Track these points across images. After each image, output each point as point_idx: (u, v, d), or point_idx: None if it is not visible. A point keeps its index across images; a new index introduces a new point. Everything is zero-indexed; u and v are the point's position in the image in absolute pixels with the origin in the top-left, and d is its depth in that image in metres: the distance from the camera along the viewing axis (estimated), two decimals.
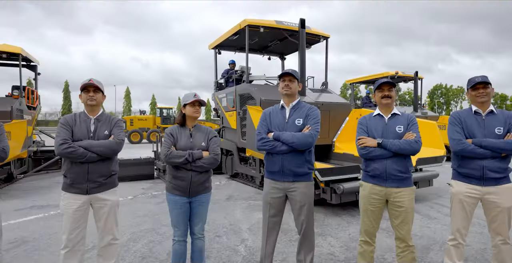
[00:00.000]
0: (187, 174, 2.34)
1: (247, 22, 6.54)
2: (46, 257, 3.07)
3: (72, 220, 2.25)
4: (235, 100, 6.87)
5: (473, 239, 3.48)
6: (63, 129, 2.24)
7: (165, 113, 23.78)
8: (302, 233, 2.42)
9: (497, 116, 2.37)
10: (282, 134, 2.35)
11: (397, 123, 2.37)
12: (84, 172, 2.24)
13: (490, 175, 2.29)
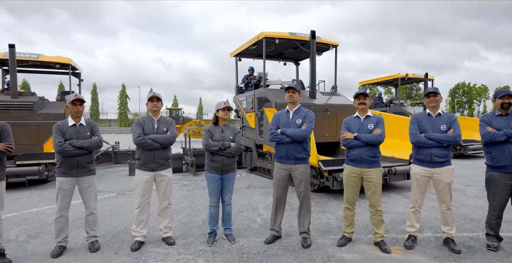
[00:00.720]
0: (220, 158, 3.39)
1: (264, 35, 7.57)
2: (108, 223, 4.20)
3: (143, 189, 3.35)
4: (254, 103, 7.90)
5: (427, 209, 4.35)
6: (137, 127, 3.34)
7: (174, 114, 25.09)
8: (301, 200, 3.42)
9: (443, 117, 3.29)
10: (287, 130, 3.35)
11: (369, 122, 3.33)
12: (151, 156, 3.34)
13: (436, 159, 3.21)
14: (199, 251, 3.23)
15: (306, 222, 3.41)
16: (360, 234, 3.66)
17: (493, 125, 3.19)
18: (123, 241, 3.51)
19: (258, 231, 3.83)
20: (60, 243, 3.21)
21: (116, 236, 3.66)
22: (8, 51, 7.66)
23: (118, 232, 3.81)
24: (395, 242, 3.42)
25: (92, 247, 3.25)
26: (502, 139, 3.07)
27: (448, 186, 3.22)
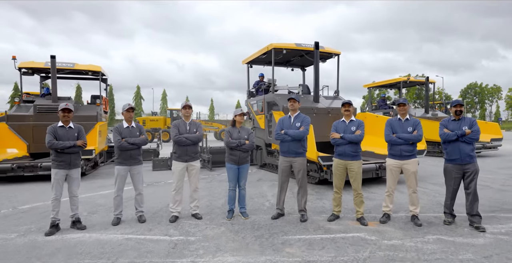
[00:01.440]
0: (237, 152, 4.44)
1: (273, 46, 8.60)
2: (147, 204, 5.29)
3: (178, 176, 4.43)
4: (264, 106, 8.93)
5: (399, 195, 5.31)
6: (174, 128, 4.42)
7: (174, 114, 26.08)
8: (299, 185, 4.45)
9: (410, 121, 4.27)
10: (288, 131, 4.37)
11: (352, 125, 4.32)
12: (184, 150, 4.41)
13: (405, 153, 4.19)
14: (221, 223, 4.29)
15: (303, 202, 4.44)
16: (346, 214, 4.66)
17: (448, 128, 4.15)
18: (162, 216, 4.59)
19: (266, 211, 4.87)
20: (117, 215, 4.31)
21: (156, 213, 4.75)
22: (49, 61, 8.89)
23: (156, 210, 4.90)
24: (374, 219, 4.41)
25: (140, 219, 4.35)
26: (454, 138, 4.03)
27: (413, 174, 4.20)
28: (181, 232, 3.94)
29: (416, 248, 3.38)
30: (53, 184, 4.05)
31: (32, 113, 8.79)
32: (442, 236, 3.72)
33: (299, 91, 9.70)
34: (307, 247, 3.42)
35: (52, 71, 8.84)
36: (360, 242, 3.55)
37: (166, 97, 59.10)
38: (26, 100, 9.81)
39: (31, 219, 4.56)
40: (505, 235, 3.75)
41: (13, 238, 3.74)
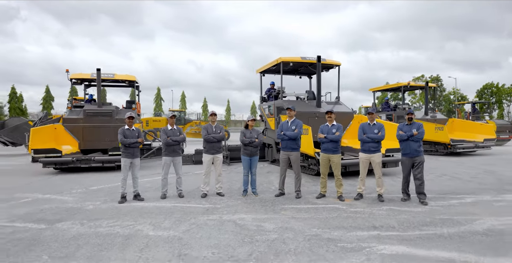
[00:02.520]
0: (249, 147, 6.18)
1: (282, 59, 10.30)
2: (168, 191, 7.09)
3: (207, 164, 6.22)
4: (274, 110, 10.63)
5: (369, 180, 6.90)
6: (205, 130, 6.20)
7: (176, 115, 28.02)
8: (295, 172, 6.14)
9: (377, 125, 5.89)
10: (286, 132, 6.06)
11: (333, 128, 5.98)
12: (212, 145, 6.19)
13: (372, 149, 5.82)
14: (238, 198, 6.03)
15: (298, 184, 6.13)
16: (331, 194, 6.31)
17: (403, 130, 5.75)
18: (195, 194, 6.37)
19: (271, 192, 6.57)
20: (164, 192, 6.13)
21: (190, 193, 6.53)
22: (95, 73, 10.89)
23: (190, 191, 6.69)
24: (351, 198, 6.04)
25: (180, 195, 6.15)
26: (405, 138, 5.63)
27: (378, 164, 5.82)
28: (210, 203, 5.71)
29: (370, 212, 5.02)
30: (122, 168, 5.89)
31: (82, 116, 10.78)
32: (394, 207, 5.34)
33: (304, 97, 11.36)
34: (297, 211, 5.12)
35: (98, 81, 10.85)
36: (334, 209, 5.22)
37: (185, 98, 61.62)
38: (76, 106, 11.86)
39: (102, 194, 6.43)
40: (439, 206, 5.33)
41: (99, 204, 5.61)
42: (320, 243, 3.71)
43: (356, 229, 4.22)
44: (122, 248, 3.60)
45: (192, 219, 4.69)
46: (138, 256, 3.36)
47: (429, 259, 3.27)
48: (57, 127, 10.54)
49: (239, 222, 4.55)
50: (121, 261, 3.24)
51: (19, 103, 48.87)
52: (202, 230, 4.19)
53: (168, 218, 4.77)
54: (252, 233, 4.06)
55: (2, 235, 4.05)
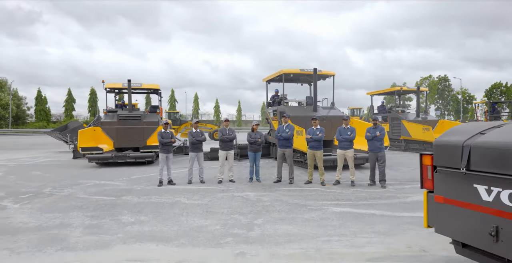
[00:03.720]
0: (254, 145, 8.35)
1: (283, 71, 12.43)
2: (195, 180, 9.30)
3: (222, 158, 8.42)
4: (277, 114, 12.74)
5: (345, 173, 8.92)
6: (220, 132, 8.39)
7: (172, 116, 29.78)
8: (289, 165, 8.27)
9: (349, 128, 7.96)
10: (282, 134, 8.19)
11: (317, 131, 8.07)
12: (225, 144, 8.39)
13: (345, 146, 7.90)
14: (245, 184, 8.19)
15: (291, 174, 8.25)
16: (317, 181, 8.39)
17: (370, 132, 7.79)
18: (212, 182, 8.55)
19: (271, 180, 8.70)
20: (190, 179, 8.34)
21: (208, 180, 8.71)
22: (126, 83, 13.21)
23: (208, 179, 8.87)
24: (331, 183, 8.11)
25: (202, 181, 8.35)
26: (370, 138, 7.68)
27: (351, 158, 7.88)
28: (224, 186, 7.89)
29: (340, 192, 7.11)
30: (160, 161, 8.13)
31: (116, 120, 13.10)
32: (359, 189, 7.41)
33: (303, 102, 13.44)
34: (287, 191, 7.25)
35: (128, 90, 13.20)
36: (314, 190, 7.33)
37: (198, 100, 64.12)
38: (110, 111, 14.22)
39: (143, 181, 8.68)
40: (394, 189, 7.38)
41: (144, 187, 7.85)
42: (296, 206, 5.84)
43: (324, 200, 6.33)
44: (170, 208, 5.80)
45: (212, 195, 6.87)
46: (182, 210, 5.57)
47: (361, 213, 5.36)
48: (96, 129, 12.91)
49: (245, 196, 6.71)
50: (172, 213, 5.43)
51: (43, 106, 52.44)
52: (220, 200, 6.37)
53: (196, 194, 6.97)
54: (253, 202, 6.21)
55: (91, 202, 6.31)
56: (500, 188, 2.39)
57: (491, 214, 2.45)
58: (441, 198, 2.84)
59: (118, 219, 5.12)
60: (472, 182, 2.60)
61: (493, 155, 2.46)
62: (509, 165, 2.34)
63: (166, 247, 3.95)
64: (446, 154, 2.81)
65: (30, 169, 11.26)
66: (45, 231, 4.54)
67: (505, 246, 2.37)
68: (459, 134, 2.80)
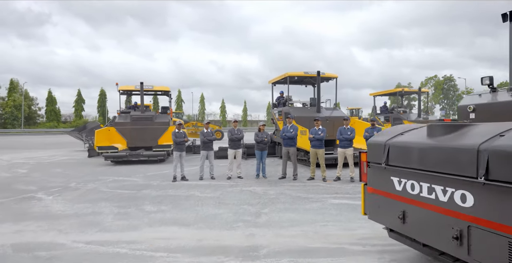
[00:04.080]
0: (260, 144, 9.06)
1: (288, 74, 13.11)
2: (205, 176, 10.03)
3: (231, 156, 9.15)
4: (282, 115, 13.43)
5: None
6: (229, 132, 9.11)
7: (175, 117, 30.71)
8: (293, 162, 8.96)
9: (349, 128, 8.63)
10: (286, 134, 8.88)
11: (320, 131, 8.75)
12: (234, 143, 9.12)
13: (346, 145, 8.57)
14: (252, 180, 8.90)
15: (295, 171, 8.94)
16: (319, 178, 9.06)
17: (368, 132, 8.44)
18: (222, 178, 9.26)
19: (277, 176, 9.39)
20: (201, 175, 9.07)
21: (218, 176, 9.43)
22: (139, 85, 13.99)
23: (218, 175, 9.59)
24: (332, 180, 8.78)
25: (212, 177, 9.08)
26: (369, 137, 8.33)
27: (351, 156, 8.55)
28: (233, 182, 8.60)
29: (339, 187, 7.77)
30: (174, 158, 8.87)
31: (129, 120, 13.89)
32: (357, 184, 8.07)
33: (307, 104, 14.11)
34: (291, 186, 7.94)
35: (141, 92, 14.00)
36: (316, 185, 8.01)
37: (204, 100, 65.02)
38: (123, 111, 15.02)
39: (158, 177, 9.43)
40: None
41: (159, 182, 8.60)
42: (299, 199, 6.53)
43: (324, 194, 7.01)
44: (186, 200, 6.53)
45: (223, 189, 7.59)
46: (197, 202, 6.29)
47: (357, 204, 6.03)
48: (110, 130, 13.71)
49: (253, 190, 7.42)
50: (189, 203, 6.15)
51: (54, 106, 53.85)
52: (230, 194, 7.09)
53: (208, 188, 7.69)
54: (260, 195, 6.92)
55: (115, 195, 7.06)
56: (406, 179, 2.96)
57: (401, 201, 3.02)
58: (372, 189, 3.43)
59: (142, 208, 5.86)
60: (389, 175, 3.15)
61: (400, 152, 3.04)
62: (409, 160, 2.91)
63: (187, 230, 4.67)
64: (374, 151, 3.38)
65: (51, 166, 12.08)
66: (82, 217, 5.29)
67: (410, 227, 2.95)
68: (386, 135, 3.39)
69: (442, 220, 2.59)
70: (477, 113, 3.68)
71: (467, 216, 2.37)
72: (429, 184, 2.70)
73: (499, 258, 2.18)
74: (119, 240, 4.25)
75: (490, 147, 2.23)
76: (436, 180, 2.64)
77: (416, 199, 2.83)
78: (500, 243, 2.16)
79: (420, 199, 2.79)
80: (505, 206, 2.13)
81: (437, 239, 2.64)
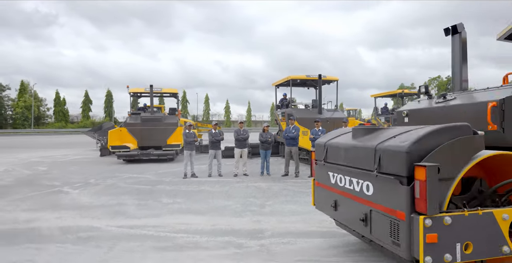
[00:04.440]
0: (265, 144, 9.81)
1: (290, 77, 13.85)
2: None
3: (237, 155, 9.90)
4: (285, 116, 14.16)
5: None
6: (235, 132, 9.87)
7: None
8: (295, 161, 9.69)
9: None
10: (289, 134, 9.61)
11: (319, 132, 9.47)
12: (240, 143, 9.87)
13: None
14: (257, 177, 9.64)
15: (297, 169, 9.67)
16: None
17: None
18: (229, 175, 10.00)
19: (280, 174, 10.12)
20: (209, 172, 9.84)
21: (225, 174, 10.18)
22: (149, 88, 14.78)
23: (225, 173, 10.33)
24: None
25: (220, 175, 9.83)
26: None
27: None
28: (239, 178, 9.35)
29: None
30: (185, 157, 9.63)
31: (140, 121, 14.69)
32: None
33: (309, 105, 14.83)
34: (293, 182, 8.68)
35: (151, 94, 14.80)
36: None
37: (208, 100, 66.00)
38: (133, 113, 15.83)
39: (169, 175, 10.20)
40: None
41: (171, 179, 9.36)
42: (300, 193, 7.27)
43: None
44: (198, 194, 7.29)
45: (230, 185, 8.34)
46: (208, 195, 7.05)
47: None
48: (122, 130, 14.51)
49: (258, 186, 8.16)
50: (201, 197, 6.90)
51: (62, 107, 55.11)
52: (237, 189, 7.83)
53: (216, 184, 8.44)
54: (264, 190, 7.66)
55: (133, 189, 7.83)
56: (337, 174, 3.56)
57: (333, 192, 3.59)
58: (317, 183, 4.01)
59: (160, 201, 6.62)
60: (327, 170, 3.70)
61: (334, 151, 3.65)
62: (339, 157, 3.52)
63: (202, 217, 5.41)
64: (318, 150, 4.02)
65: (67, 164, 12.89)
66: (108, 208, 6.06)
67: (339, 214, 3.55)
68: (327, 136, 4.03)
69: (357, 207, 3.19)
70: (410, 118, 4.28)
71: (369, 202, 2.96)
72: (349, 177, 3.31)
73: (384, 234, 2.79)
74: (145, 225, 5.00)
75: (382, 147, 2.83)
76: (353, 174, 3.24)
77: (342, 190, 3.45)
78: (386, 222, 2.76)
79: (345, 190, 3.41)
80: (388, 192, 2.74)
81: (354, 222, 3.25)
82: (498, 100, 3.08)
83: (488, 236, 2.56)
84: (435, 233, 2.42)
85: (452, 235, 2.48)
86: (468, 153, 2.64)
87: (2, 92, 53.11)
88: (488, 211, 2.58)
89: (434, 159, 2.51)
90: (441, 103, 3.83)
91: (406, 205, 2.51)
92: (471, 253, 2.52)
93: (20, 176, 9.93)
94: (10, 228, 4.87)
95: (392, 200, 2.68)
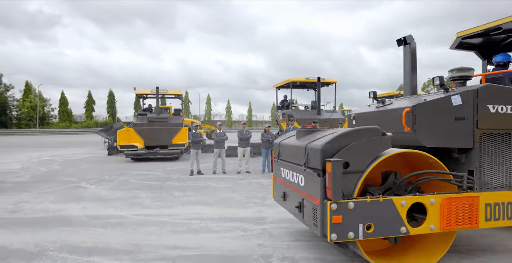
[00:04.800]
0: (266, 143, 10.49)
1: (291, 80, 14.54)
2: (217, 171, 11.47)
3: (240, 154, 10.60)
4: (286, 117, 14.84)
5: None
6: (239, 132, 10.56)
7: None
8: None
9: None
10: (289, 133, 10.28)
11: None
12: (243, 142, 10.56)
13: None
14: (258, 174, 10.33)
15: None
16: None
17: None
18: (232, 172, 10.69)
19: None
20: (214, 170, 10.54)
21: (229, 171, 10.86)
22: (155, 90, 15.48)
23: (229, 170, 11.02)
24: None
25: (224, 172, 10.53)
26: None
27: None
28: (242, 175, 10.03)
29: None
30: (191, 155, 10.33)
31: (146, 122, 15.38)
32: None
33: (309, 107, 15.53)
34: None
35: (156, 95, 15.50)
36: None
37: (210, 101, 66.72)
38: (140, 113, 16.52)
39: (176, 172, 10.89)
40: None
41: (179, 176, 10.06)
42: None
43: None
44: (205, 188, 7.98)
45: (234, 181, 9.03)
46: (214, 189, 7.74)
47: None
48: (129, 130, 15.21)
49: (260, 182, 8.85)
50: (208, 191, 7.59)
51: (66, 107, 56.05)
52: (241, 185, 8.52)
53: (221, 180, 9.13)
54: (266, 185, 8.34)
55: (144, 185, 8.53)
56: (285, 169, 4.06)
57: (283, 185, 4.15)
58: (274, 177, 4.61)
59: (171, 194, 7.32)
60: (280, 166, 4.26)
61: (284, 149, 4.24)
62: (286, 155, 4.11)
63: (210, 208, 6.10)
64: (275, 149, 4.65)
65: (79, 163, 13.61)
66: (125, 200, 6.76)
67: (286, 203, 4.07)
68: (283, 137, 4.64)
69: (296, 196, 3.73)
70: (356, 121, 4.82)
71: (302, 192, 3.53)
72: (292, 171, 3.89)
73: (310, 218, 3.31)
74: (160, 213, 5.70)
75: (309, 146, 3.41)
76: (293, 168, 3.78)
77: (288, 183, 4.03)
78: (310, 208, 3.34)
79: (289, 183, 3.98)
80: (311, 183, 3.33)
81: (294, 210, 3.83)
82: (411, 106, 3.55)
83: (388, 219, 3.12)
84: (340, 215, 3.01)
85: (355, 217, 3.04)
86: (376, 151, 3.22)
87: (6, 92, 54.04)
88: (388, 198, 3.16)
89: (343, 155, 3.10)
90: (381, 107, 4.31)
91: (321, 193, 3.12)
92: (372, 232, 3.10)
93: (37, 173, 10.64)
94: (44, 216, 5.58)
95: (313, 189, 3.28)
